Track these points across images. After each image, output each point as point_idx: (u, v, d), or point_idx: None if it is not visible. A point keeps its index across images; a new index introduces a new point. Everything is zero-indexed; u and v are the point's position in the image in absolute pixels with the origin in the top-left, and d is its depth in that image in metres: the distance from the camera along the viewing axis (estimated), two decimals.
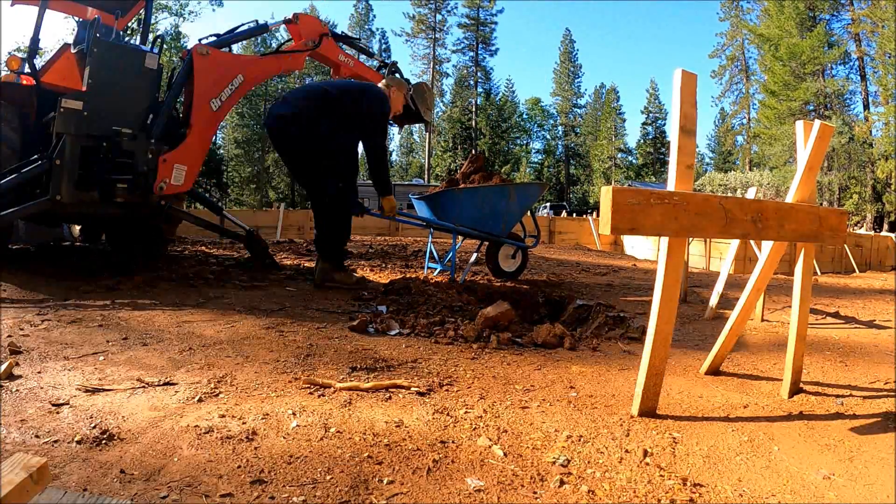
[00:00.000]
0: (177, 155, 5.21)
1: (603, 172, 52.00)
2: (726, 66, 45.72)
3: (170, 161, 5.14)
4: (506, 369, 2.88)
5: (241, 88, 5.62)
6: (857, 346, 3.74)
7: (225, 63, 5.51)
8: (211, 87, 5.35)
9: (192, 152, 5.33)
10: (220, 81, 5.39)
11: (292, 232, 15.93)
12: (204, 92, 5.31)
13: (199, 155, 5.49)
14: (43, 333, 3.07)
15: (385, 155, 5.28)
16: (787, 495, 1.68)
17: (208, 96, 5.33)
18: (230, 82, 5.48)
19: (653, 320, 2.20)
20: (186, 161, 5.26)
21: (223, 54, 5.62)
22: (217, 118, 5.53)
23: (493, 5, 49.28)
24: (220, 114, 5.51)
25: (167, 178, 5.12)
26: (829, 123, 2.75)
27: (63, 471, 1.59)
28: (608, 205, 1.96)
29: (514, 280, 6.23)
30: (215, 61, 5.43)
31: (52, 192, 4.67)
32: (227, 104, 5.54)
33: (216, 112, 5.43)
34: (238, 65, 5.62)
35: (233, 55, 5.78)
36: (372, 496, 1.56)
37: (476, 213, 5.69)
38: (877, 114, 33.00)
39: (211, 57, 5.39)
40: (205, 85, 5.32)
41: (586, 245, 16.91)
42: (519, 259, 6.39)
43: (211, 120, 5.46)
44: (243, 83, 5.60)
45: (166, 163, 5.11)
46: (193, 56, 5.27)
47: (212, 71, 5.37)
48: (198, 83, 5.29)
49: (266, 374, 2.57)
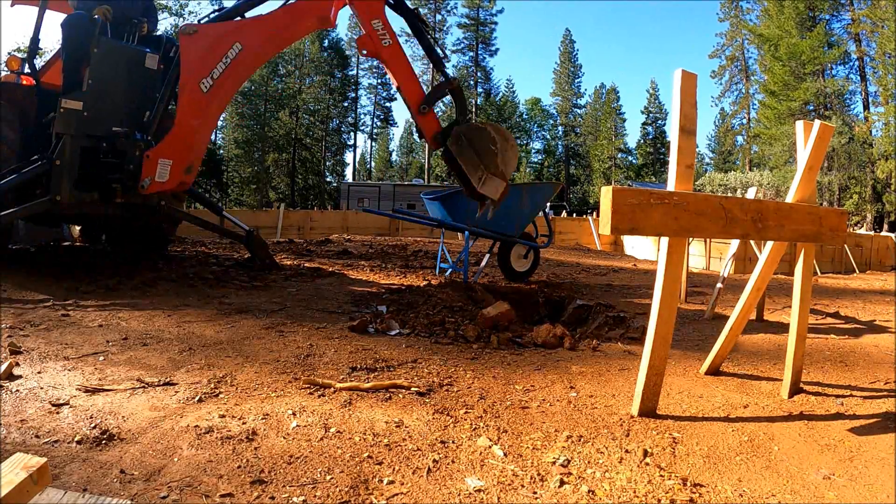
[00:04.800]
0: (160, 150, 4.77)
1: (603, 172, 52.00)
2: (726, 66, 45.72)
3: (153, 157, 4.73)
4: (506, 369, 2.87)
5: (241, 59, 4.70)
6: (857, 347, 3.74)
7: (215, 34, 4.73)
8: (198, 65, 4.64)
9: (176, 145, 4.78)
10: (209, 56, 4.65)
11: (292, 232, 15.93)
12: (190, 72, 4.62)
13: (187, 147, 4.83)
14: (43, 333, 3.07)
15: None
16: (787, 495, 1.68)
17: (197, 76, 4.64)
18: (224, 54, 4.65)
19: (653, 320, 2.20)
20: (171, 155, 4.74)
21: (213, 25, 4.84)
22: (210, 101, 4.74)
23: (493, 5, 49.32)
24: (216, 96, 4.74)
25: (151, 174, 4.69)
26: (829, 123, 2.75)
27: (63, 471, 1.59)
28: (608, 205, 1.96)
29: (517, 280, 6.23)
30: (203, 35, 4.69)
31: (52, 193, 4.66)
32: (224, 82, 4.67)
33: (208, 94, 4.68)
34: (233, 31, 4.73)
35: (226, 22, 4.89)
36: (372, 496, 1.56)
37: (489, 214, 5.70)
38: (877, 114, 33.03)
39: (198, 32, 4.69)
40: (191, 64, 4.63)
41: (586, 245, 16.91)
42: (531, 259, 6.41)
43: (202, 104, 4.70)
44: (243, 52, 4.70)
45: (149, 159, 4.72)
46: (180, 37, 4.70)
47: (199, 47, 4.64)
48: (184, 64, 4.67)
49: (266, 374, 2.57)
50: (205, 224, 6.13)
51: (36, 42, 5.55)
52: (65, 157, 4.66)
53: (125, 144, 4.84)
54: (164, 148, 4.78)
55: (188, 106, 4.72)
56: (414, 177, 51.51)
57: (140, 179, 4.71)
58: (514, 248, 6.22)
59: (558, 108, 57.11)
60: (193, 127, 4.79)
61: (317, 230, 16.31)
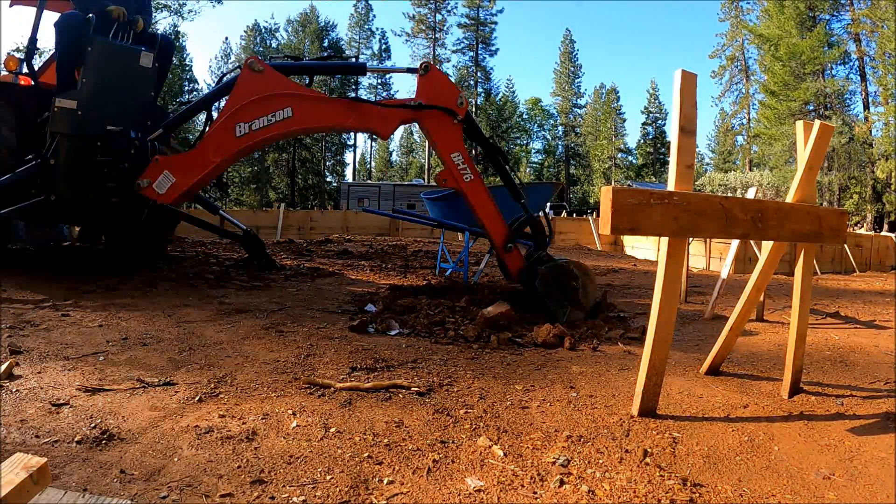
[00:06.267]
0: (170, 161, 4.69)
1: (603, 172, 52.02)
2: (726, 67, 45.73)
3: (161, 164, 4.63)
4: (506, 369, 2.88)
5: (284, 125, 4.49)
6: (858, 347, 3.74)
7: (277, 87, 4.51)
8: (245, 108, 4.46)
9: (186, 168, 4.66)
10: (258, 106, 4.47)
11: (292, 232, 15.93)
12: (235, 111, 4.47)
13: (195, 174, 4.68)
14: (43, 333, 3.07)
15: None
16: (787, 495, 1.68)
17: (237, 119, 4.47)
18: (272, 112, 4.45)
19: (653, 320, 2.20)
20: (177, 173, 4.63)
21: (281, 77, 4.56)
22: (236, 146, 4.55)
23: (493, 5, 49.32)
24: (243, 143, 4.54)
25: (150, 179, 4.57)
26: (829, 123, 2.75)
27: (63, 471, 1.59)
28: (608, 205, 1.96)
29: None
30: (265, 81, 4.47)
31: (47, 192, 4.64)
32: (257, 136, 4.49)
33: (238, 139, 4.49)
34: (293, 96, 4.52)
35: (291, 82, 4.63)
36: (372, 496, 1.56)
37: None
38: (877, 114, 33.02)
39: (264, 75, 4.48)
40: (239, 103, 4.46)
41: (586, 245, 16.91)
42: None
43: (228, 145, 4.53)
44: (289, 119, 4.48)
45: (157, 164, 4.63)
46: (243, 68, 4.53)
47: (255, 91, 4.46)
48: (232, 99, 4.50)
49: (266, 374, 2.57)
50: (203, 224, 6.12)
51: (34, 42, 5.54)
52: (59, 156, 4.64)
53: (120, 143, 4.80)
54: (175, 163, 4.69)
55: (216, 141, 4.56)
56: (414, 177, 51.49)
57: (138, 178, 4.63)
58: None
59: (558, 108, 57.11)
60: (211, 162, 4.64)
61: (317, 230, 16.31)
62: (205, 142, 4.62)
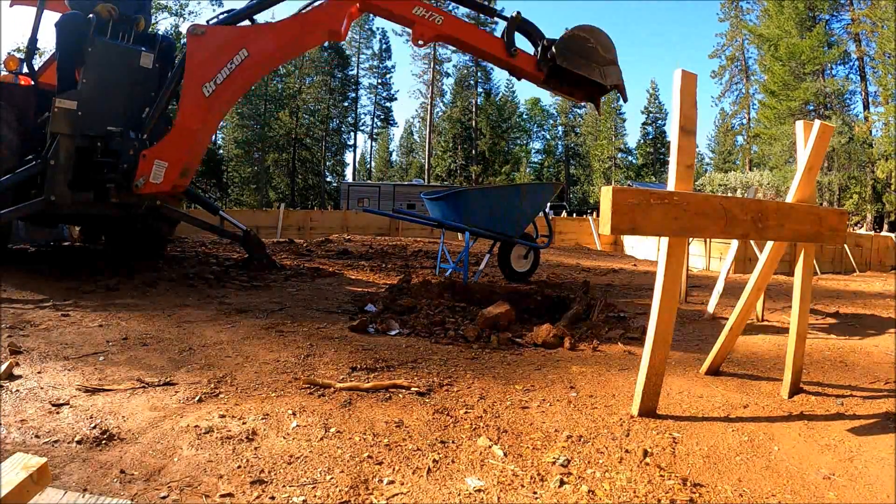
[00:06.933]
0: (157, 150, 4.72)
1: (603, 172, 52.00)
2: (726, 67, 45.71)
3: (149, 157, 4.68)
4: (506, 369, 2.88)
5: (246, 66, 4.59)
6: (857, 347, 3.74)
7: (223, 38, 4.65)
8: (203, 68, 4.55)
9: (174, 147, 4.73)
10: (214, 60, 4.56)
11: (292, 232, 15.93)
12: (193, 75, 4.55)
13: (184, 150, 4.76)
14: (43, 333, 3.07)
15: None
16: (787, 495, 1.68)
17: (199, 80, 4.54)
18: (229, 59, 4.55)
19: (653, 320, 2.20)
20: (167, 157, 4.68)
21: (222, 28, 4.74)
22: (212, 106, 4.65)
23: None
24: (217, 100, 4.62)
25: (145, 174, 4.64)
26: (829, 123, 2.75)
27: (63, 471, 1.59)
28: (608, 205, 1.96)
29: (517, 281, 6.24)
30: (211, 37, 4.61)
31: (46, 193, 4.64)
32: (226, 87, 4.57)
33: (210, 98, 4.57)
34: (241, 36, 4.64)
35: (235, 27, 4.81)
36: (372, 496, 1.56)
37: (489, 214, 5.71)
38: (877, 114, 33.00)
39: (206, 34, 4.62)
40: (195, 66, 4.55)
41: (586, 245, 16.90)
42: (531, 260, 6.42)
43: (202, 108, 4.62)
44: (248, 59, 4.59)
45: (146, 159, 4.68)
46: (187, 37, 4.65)
47: (205, 50, 4.56)
48: (188, 67, 4.59)
49: (266, 374, 2.57)
50: (203, 224, 6.13)
51: (34, 42, 5.55)
52: (59, 156, 4.64)
53: (120, 144, 4.80)
54: (161, 149, 4.73)
55: (189, 108, 4.66)
56: (414, 177, 51.48)
57: (134, 179, 4.67)
58: (514, 248, 6.23)
59: (558, 108, 57.10)
60: (192, 130, 4.73)
61: (317, 230, 16.31)
62: (180, 115, 4.70)
